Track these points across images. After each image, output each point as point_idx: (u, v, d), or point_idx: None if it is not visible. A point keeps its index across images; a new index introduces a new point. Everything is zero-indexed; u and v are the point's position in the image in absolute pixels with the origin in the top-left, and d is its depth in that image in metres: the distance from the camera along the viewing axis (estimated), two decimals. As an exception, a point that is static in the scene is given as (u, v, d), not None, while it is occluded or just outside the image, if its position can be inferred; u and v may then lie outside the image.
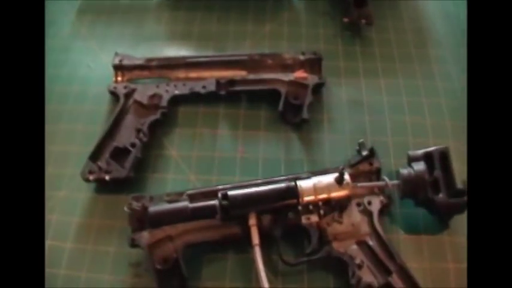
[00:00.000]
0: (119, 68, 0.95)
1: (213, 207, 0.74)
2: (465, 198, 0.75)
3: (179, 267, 0.72)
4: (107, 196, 0.84)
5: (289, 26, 1.06)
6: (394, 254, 0.73)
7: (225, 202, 0.72)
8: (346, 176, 0.75)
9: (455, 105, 0.94)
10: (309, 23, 1.07)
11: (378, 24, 1.04)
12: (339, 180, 0.75)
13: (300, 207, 0.74)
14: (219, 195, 0.73)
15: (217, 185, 0.78)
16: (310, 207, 0.74)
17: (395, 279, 0.72)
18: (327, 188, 0.75)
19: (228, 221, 0.74)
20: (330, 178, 0.75)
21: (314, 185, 0.75)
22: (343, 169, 0.75)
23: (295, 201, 0.74)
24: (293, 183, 0.75)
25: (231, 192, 0.73)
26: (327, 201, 0.75)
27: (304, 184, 0.75)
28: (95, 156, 0.84)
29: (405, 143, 0.88)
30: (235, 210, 0.73)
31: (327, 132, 0.91)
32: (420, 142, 0.87)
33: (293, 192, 0.74)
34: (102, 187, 0.84)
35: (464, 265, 0.77)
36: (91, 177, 0.83)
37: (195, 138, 0.90)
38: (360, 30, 1.04)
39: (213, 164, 0.87)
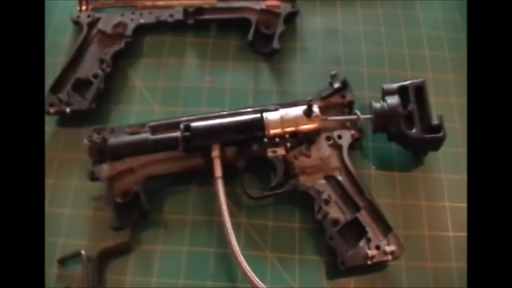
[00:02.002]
0: (82, -4, 0.89)
1: (175, 138, 0.71)
2: (441, 134, 0.72)
3: (139, 200, 0.70)
4: (69, 129, 0.81)
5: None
6: (363, 190, 0.71)
7: (187, 133, 0.70)
8: (315, 109, 0.72)
9: (436, 35, 0.89)
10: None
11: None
12: (308, 113, 0.72)
13: (265, 140, 0.71)
14: (181, 126, 0.70)
15: (181, 117, 0.75)
16: (277, 140, 0.72)
17: (363, 215, 0.70)
18: (295, 120, 0.72)
19: (191, 152, 0.71)
20: (298, 110, 0.72)
21: (281, 117, 0.72)
22: (311, 101, 0.71)
23: (260, 133, 0.71)
24: (259, 115, 0.72)
25: (193, 124, 0.71)
26: (294, 134, 0.72)
27: (270, 116, 0.72)
28: (55, 88, 0.81)
29: (381, 75, 0.84)
30: (198, 141, 0.70)
31: (299, 62, 0.87)
32: (397, 74, 0.83)
33: (258, 124, 0.71)
34: (64, 120, 0.81)
35: (437, 203, 0.75)
36: (51, 110, 0.79)
37: (161, 68, 0.86)
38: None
39: (178, 95, 0.83)
